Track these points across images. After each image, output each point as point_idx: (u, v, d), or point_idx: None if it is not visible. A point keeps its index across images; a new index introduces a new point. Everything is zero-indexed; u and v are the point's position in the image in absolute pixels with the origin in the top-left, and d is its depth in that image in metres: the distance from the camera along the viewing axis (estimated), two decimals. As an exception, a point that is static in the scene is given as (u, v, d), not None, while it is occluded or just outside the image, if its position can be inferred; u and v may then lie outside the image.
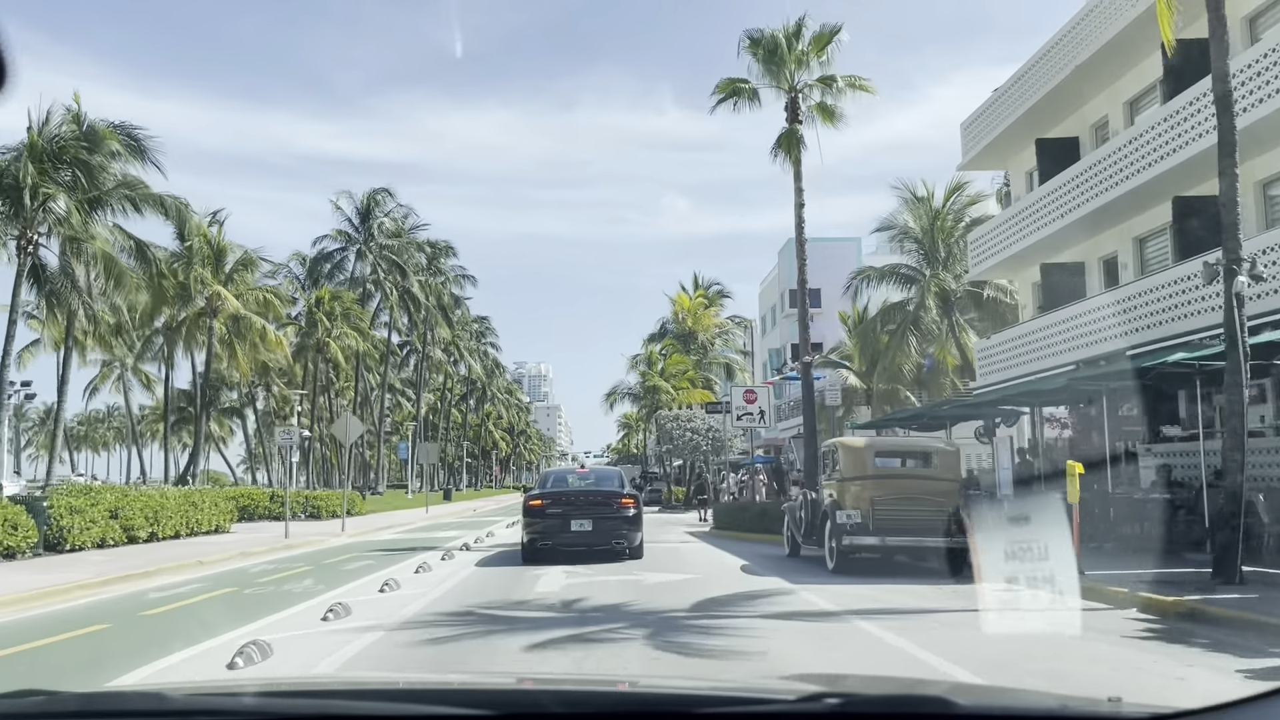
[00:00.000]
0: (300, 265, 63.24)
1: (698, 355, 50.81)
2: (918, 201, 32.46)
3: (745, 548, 20.02)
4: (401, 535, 29.09)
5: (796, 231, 23.42)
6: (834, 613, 10.25)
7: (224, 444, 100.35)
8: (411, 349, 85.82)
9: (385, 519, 39.12)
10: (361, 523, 35.55)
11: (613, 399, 49.72)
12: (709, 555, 18.67)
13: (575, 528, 16.71)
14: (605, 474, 20.35)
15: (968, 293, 31.50)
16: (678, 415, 45.19)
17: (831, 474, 14.84)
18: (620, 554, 16.97)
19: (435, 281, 72.01)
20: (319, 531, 30.53)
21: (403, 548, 22.37)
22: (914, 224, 32.17)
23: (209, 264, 42.85)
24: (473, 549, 20.87)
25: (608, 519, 16.86)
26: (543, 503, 17.29)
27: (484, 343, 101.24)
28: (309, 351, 58.80)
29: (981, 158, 29.07)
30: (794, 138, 23.37)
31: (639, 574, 14.51)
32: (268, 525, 33.94)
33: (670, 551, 19.79)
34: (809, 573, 14.26)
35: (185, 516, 25.61)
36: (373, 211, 62.50)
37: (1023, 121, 26.17)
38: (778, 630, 9.26)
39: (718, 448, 44.67)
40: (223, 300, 41.52)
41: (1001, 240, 27.23)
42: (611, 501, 17.27)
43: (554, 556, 16.65)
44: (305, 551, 22.22)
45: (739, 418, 22.98)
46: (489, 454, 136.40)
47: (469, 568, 16.34)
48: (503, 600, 11.62)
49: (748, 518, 22.75)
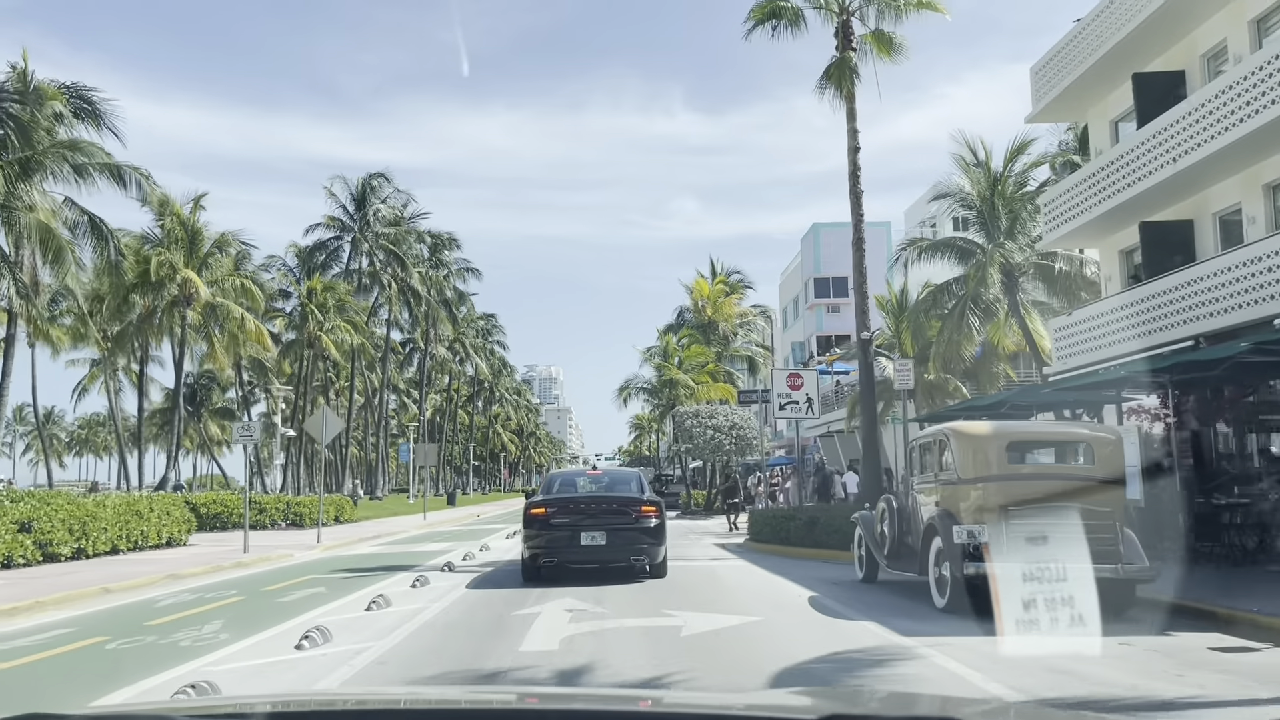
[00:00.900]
0: (297, 258, 59.36)
1: (718, 347, 46.61)
2: (974, 166, 28.26)
3: (799, 568, 15.93)
4: (383, 548, 25.10)
5: (850, 182, 19.33)
6: (1009, 703, 6.12)
7: (227, 448, 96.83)
8: (415, 347, 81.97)
9: (375, 527, 35.17)
10: (346, 532, 31.60)
11: (626, 393, 45.64)
12: (757, 580, 14.58)
13: (586, 541, 13.78)
14: (621, 476, 16.97)
15: (1035, 266, 27.34)
16: (698, 411, 41.04)
17: (939, 474, 10.73)
18: (639, 572, 14.18)
19: (437, 275, 68.06)
20: (290, 544, 26.59)
21: (375, 566, 18.37)
22: (971, 189, 27.98)
23: (182, 247, 38.96)
24: (457, 569, 16.84)
25: (625, 530, 13.92)
26: (546, 511, 14.14)
27: (490, 341, 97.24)
28: (301, 347, 54.93)
29: (1056, 106, 24.90)
30: (846, 68, 19.31)
31: (673, 614, 10.45)
32: (236, 536, 30.04)
33: (705, 573, 15.72)
34: (913, 613, 10.19)
35: (125, 529, 21.71)
36: (368, 198, 58.62)
37: (1112, 57, 22.05)
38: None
39: (742, 447, 40.57)
40: (195, 287, 37.59)
41: (1084, 200, 23.09)
42: (629, 509, 14.16)
43: (559, 575, 13.96)
44: (252, 573, 18.22)
45: (782, 406, 18.93)
46: (497, 457, 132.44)
47: (442, 600, 12.31)
48: (467, 671, 7.56)
49: (794, 528, 18.67)
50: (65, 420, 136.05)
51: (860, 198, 19.29)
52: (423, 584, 14.11)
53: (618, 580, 14.11)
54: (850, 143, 19.33)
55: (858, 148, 19.30)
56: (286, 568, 19.39)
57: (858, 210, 19.25)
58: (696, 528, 32.27)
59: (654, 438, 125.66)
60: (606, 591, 12.68)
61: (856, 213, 19.27)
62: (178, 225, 38.97)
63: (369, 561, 19.99)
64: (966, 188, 28.08)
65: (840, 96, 19.45)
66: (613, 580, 14.08)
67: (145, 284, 38.41)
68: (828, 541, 17.79)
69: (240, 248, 40.33)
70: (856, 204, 19.24)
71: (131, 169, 31.31)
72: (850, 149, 19.36)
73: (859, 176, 19.29)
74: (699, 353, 43.97)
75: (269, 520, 34.29)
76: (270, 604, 12.63)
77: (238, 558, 20.85)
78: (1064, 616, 8.84)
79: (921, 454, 11.52)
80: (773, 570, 15.69)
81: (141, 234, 38.62)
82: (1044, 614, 9.24)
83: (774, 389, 19.38)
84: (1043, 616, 8.95)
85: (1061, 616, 8.91)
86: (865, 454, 18.61)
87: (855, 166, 19.31)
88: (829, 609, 10.76)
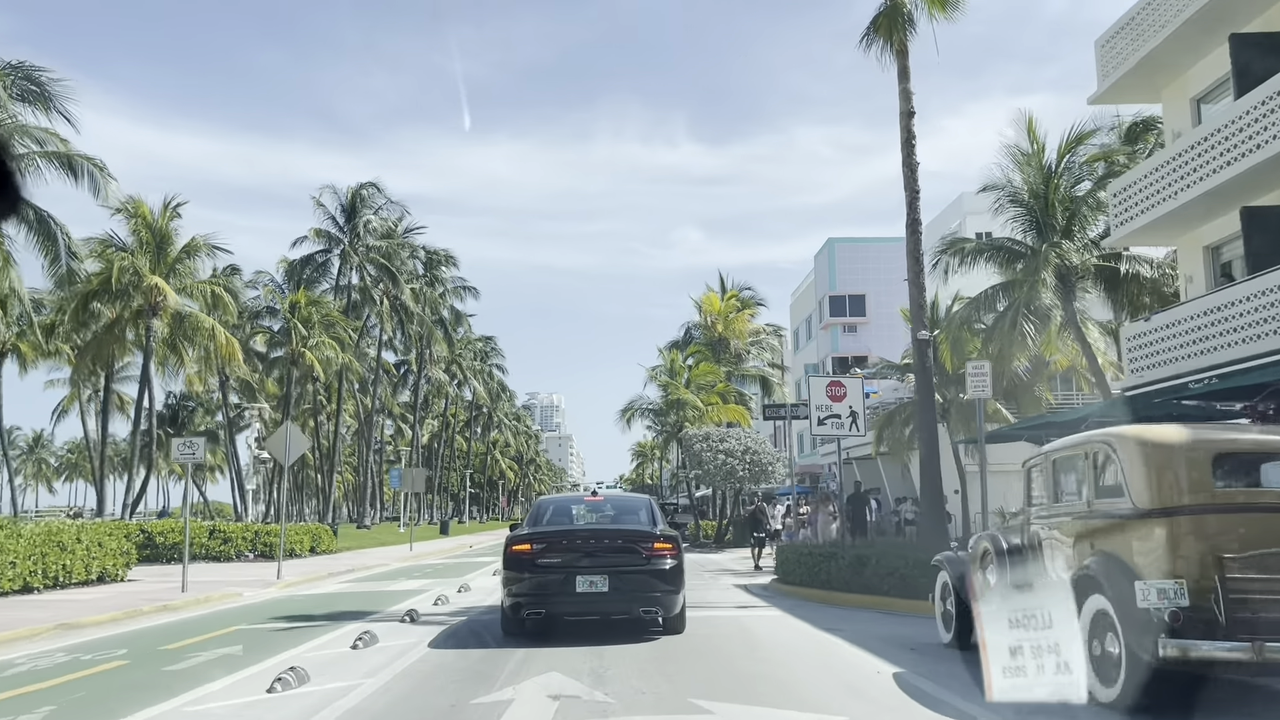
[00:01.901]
0: (286, 273, 56.14)
1: (729, 366, 43.23)
2: (1024, 158, 25.05)
3: (853, 622, 12.55)
4: (350, 586, 21.73)
5: (904, 151, 16.08)
6: None
7: (220, 473, 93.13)
8: (409, 369, 78.64)
9: (353, 560, 31.77)
10: (318, 565, 28.21)
11: (630, 414, 42.22)
12: (807, 642, 11.19)
13: (582, 588, 10.71)
14: (627, 504, 13.70)
15: (1098, 269, 24.08)
16: (708, 434, 37.67)
17: (1094, 502, 7.40)
18: (649, 625, 11.30)
19: (432, 292, 64.87)
20: (247, 579, 23.24)
21: (326, 614, 15.00)
22: (1023, 183, 24.75)
23: (149, 252, 35.78)
24: (422, 619, 13.47)
25: (633, 574, 10.82)
26: (532, 548, 11.04)
27: (489, 364, 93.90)
28: (284, 365, 51.66)
29: (1126, 84, 21.76)
30: (897, 16, 16.17)
31: (709, 709, 7.09)
32: (191, 570, 26.63)
33: (734, 629, 12.36)
34: (1064, 706, 6.82)
35: (41, 562, 18.40)
36: (359, 209, 55.48)
37: (1199, 20, 18.96)
38: None
39: (756, 473, 37.18)
40: (163, 295, 34.36)
41: (1163, 188, 19.90)
42: (638, 546, 11.04)
43: (549, 629, 11.09)
44: (174, 620, 14.86)
45: (821, 421, 15.63)
46: (496, 484, 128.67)
47: (383, 673, 8.97)
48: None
49: (836, 569, 15.30)
50: (54, 445, 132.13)
51: (916, 170, 16.07)
52: (368, 643, 10.75)
53: (622, 637, 10.85)
54: (903, 106, 16.13)
55: (912, 111, 16.10)
56: (222, 612, 16.03)
57: (913, 185, 16.02)
58: (709, 563, 28.85)
59: (657, 465, 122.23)
60: (608, 658, 9.38)
61: (911, 188, 16.04)
62: (144, 228, 35.77)
63: (324, 605, 16.62)
64: (1017, 180, 24.85)
65: (890, 51, 16.32)
66: (616, 637, 10.85)
67: (107, 291, 35.22)
68: (880, 586, 14.44)
69: (213, 253, 36.98)
70: (911, 178, 16.02)
71: (84, 159, 28.23)
72: (903, 113, 16.16)
73: (914, 145, 16.08)
74: (708, 371, 40.62)
75: (234, 551, 30.92)
76: (150, 676, 9.27)
77: (171, 598, 17.53)
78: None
79: (1056, 474, 8.20)
80: (820, 625, 12.31)
81: (104, 238, 35.40)
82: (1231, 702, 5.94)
83: (810, 400, 16.04)
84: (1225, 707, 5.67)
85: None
86: (924, 478, 15.29)
87: (909, 134, 16.09)
88: (935, 699, 7.37)
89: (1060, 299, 23.90)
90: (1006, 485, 35.95)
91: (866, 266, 55.03)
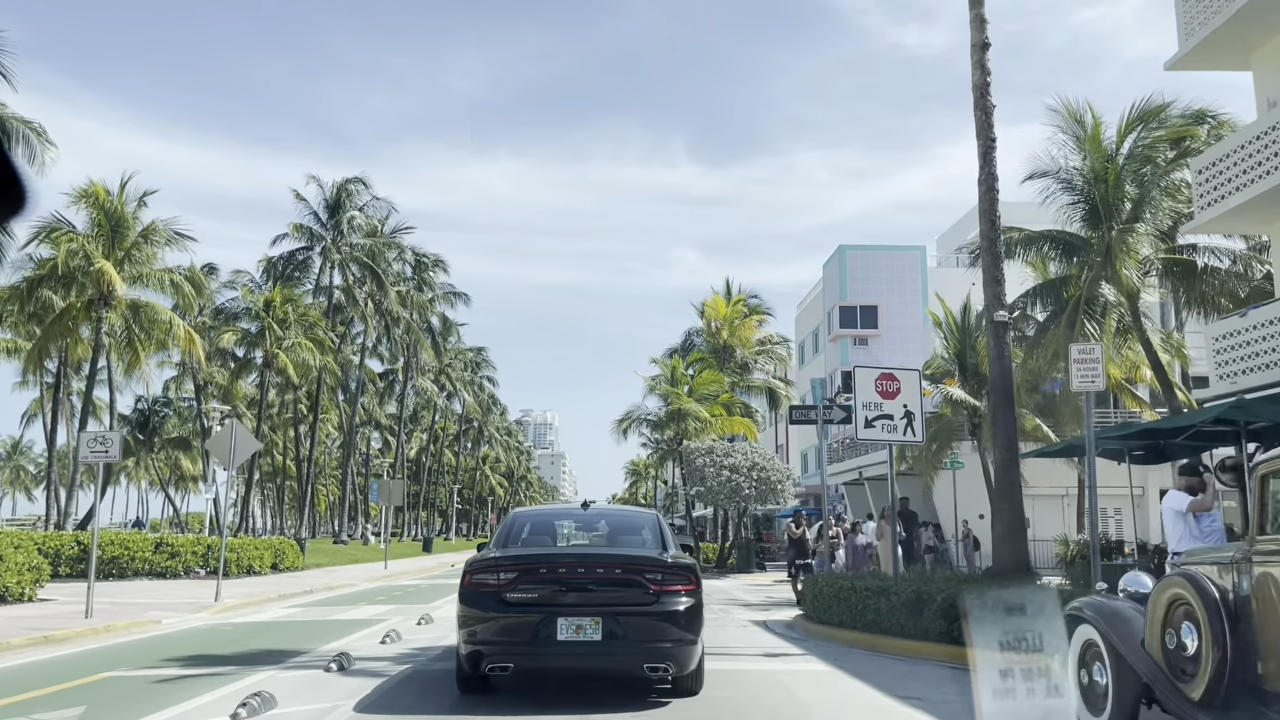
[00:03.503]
0: (265, 272, 52.88)
1: (734, 376, 40.02)
2: (1078, 140, 21.98)
3: (935, 684, 9.33)
4: (293, 613, 18.46)
5: (977, 93, 12.85)
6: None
7: (202, 481, 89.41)
8: (396, 378, 75.29)
9: (316, 579, 28.51)
10: (268, 586, 24.94)
11: (627, 425, 38.94)
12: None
13: (567, 635, 7.77)
14: (627, 521, 10.70)
15: (1167, 264, 21.00)
16: (711, 448, 34.44)
17: None
18: (654, 685, 8.49)
19: (420, 297, 61.62)
20: (181, 600, 20.06)
21: (238, 654, 11.75)
22: (1081, 163, 21.65)
23: (102, 236, 32.56)
24: (354, 667, 10.22)
25: (635, 616, 7.92)
26: (501, 579, 8.04)
27: (479, 375, 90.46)
28: (256, 368, 48.39)
29: (1213, 46, 18.72)
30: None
31: None
32: (128, 589, 23.39)
33: (773, 692, 9.12)
34: None
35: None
36: (343, 204, 52.29)
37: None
38: None
39: (764, 492, 33.96)
40: (111, 283, 31.14)
41: (1264, 161, 16.85)
42: (645, 578, 8.08)
43: (518, 688, 8.41)
44: (40, 659, 11.60)
45: (869, 423, 12.46)
46: (485, 500, 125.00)
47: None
48: None
49: (888, 607, 12.08)
50: (33, 451, 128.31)
51: (991, 114, 12.92)
52: (256, 711, 7.48)
53: (619, 703, 7.82)
54: (976, 37, 13.01)
55: (986, 43, 12.98)
56: (115, 648, 12.78)
57: (987, 132, 12.89)
58: (714, 591, 25.57)
59: (650, 484, 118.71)
60: None
61: (986, 136, 12.90)
62: (98, 211, 32.57)
63: (246, 640, 13.38)
64: (1074, 162, 21.78)
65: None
66: (610, 703, 7.85)
67: (55, 278, 32.01)
68: (949, 632, 11.20)
69: (176, 240, 33.72)
70: (985, 122, 12.89)
71: (19, 121, 25.07)
72: (975, 45, 13.04)
73: (989, 85, 12.97)
74: (712, 379, 37.37)
75: (182, 567, 27.64)
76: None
77: (64, 626, 14.29)
78: None
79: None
80: (889, 689, 9.08)
81: (52, 222, 32.10)
82: None
83: (856, 396, 12.85)
84: None
85: None
86: (999, 493, 11.99)
87: (985, 72, 12.95)
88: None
89: (1125, 296, 20.78)
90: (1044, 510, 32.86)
91: (880, 276, 51.99)
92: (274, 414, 72.49)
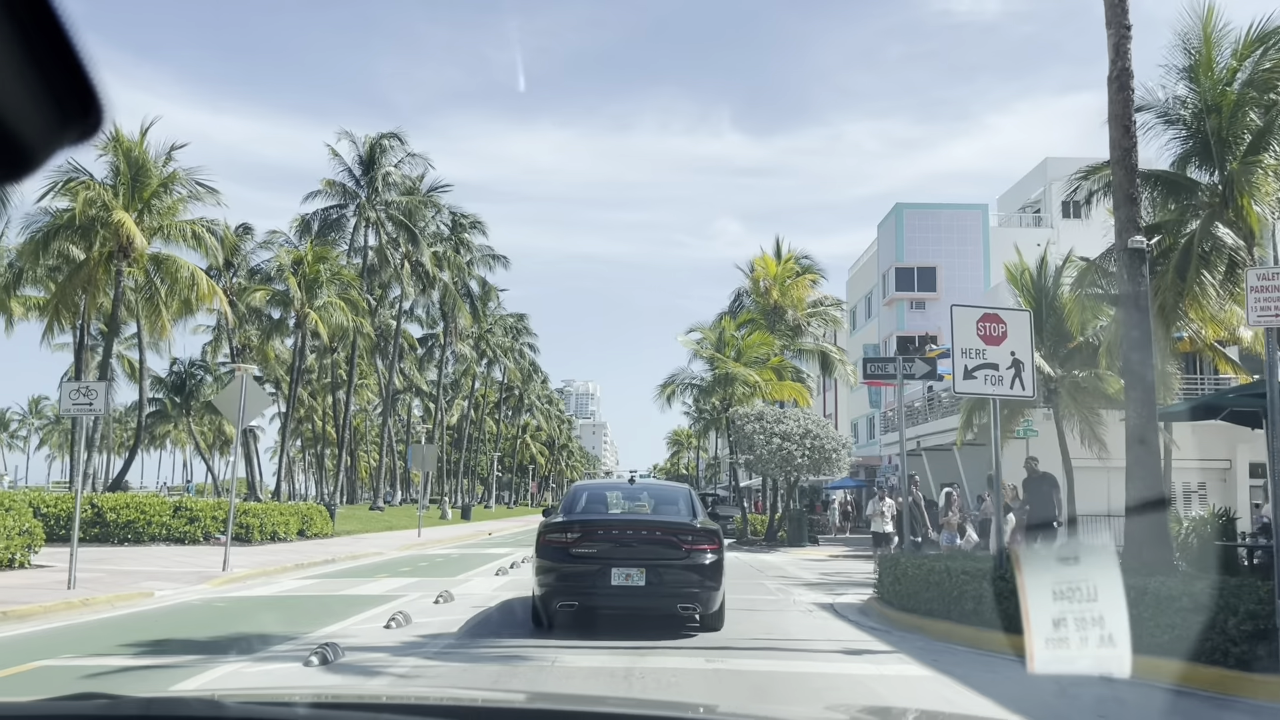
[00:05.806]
0: (297, 232, 51.31)
1: (784, 340, 37.70)
2: (1185, 69, 19.35)
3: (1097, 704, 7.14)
4: (303, 586, 16.72)
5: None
6: None
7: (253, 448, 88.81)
8: (436, 343, 73.84)
9: (341, 547, 26.86)
10: (288, 554, 23.30)
11: (670, 390, 36.82)
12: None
13: (618, 580, 10.01)
14: (666, 493, 12.66)
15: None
16: (761, 414, 32.24)
17: None
18: (686, 621, 10.59)
19: (458, 258, 59.77)
20: (182, 570, 18.43)
21: (211, 640, 9.91)
22: (1184, 95, 19.07)
23: (123, 185, 30.95)
24: (340, 661, 8.26)
25: (671, 568, 10.14)
26: (568, 538, 10.31)
27: (520, 342, 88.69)
28: (288, 329, 46.97)
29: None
30: None
31: None
32: (135, 554, 21.85)
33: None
34: None
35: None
36: (378, 160, 50.46)
37: None
38: None
39: (817, 461, 31.76)
40: (131, 236, 29.52)
41: None
42: (678, 540, 10.31)
43: (582, 623, 10.20)
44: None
45: (969, 372, 10.28)
46: (526, 469, 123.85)
47: None
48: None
49: (997, 595, 9.91)
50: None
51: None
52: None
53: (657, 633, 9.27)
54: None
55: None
56: (79, 627, 11.03)
57: (1120, 19, 10.47)
58: (765, 567, 23.56)
59: (692, 455, 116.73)
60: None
61: (1119, 24, 10.47)
62: (120, 156, 30.95)
63: (233, 621, 11.57)
64: (1178, 91, 19.18)
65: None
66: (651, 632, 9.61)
67: (71, 228, 30.47)
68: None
69: (198, 191, 32.04)
70: (1120, 6, 10.48)
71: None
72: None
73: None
74: (762, 341, 35.08)
75: (201, 533, 26.07)
76: None
77: (36, 599, 12.58)
78: None
79: None
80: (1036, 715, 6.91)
81: (68, 171, 30.46)
82: None
83: (954, 342, 10.65)
84: None
85: None
86: (1132, 456, 9.72)
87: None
88: None
89: (1243, 239, 18.21)
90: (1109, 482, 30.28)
91: (939, 236, 49.26)
92: (313, 379, 71.60)
